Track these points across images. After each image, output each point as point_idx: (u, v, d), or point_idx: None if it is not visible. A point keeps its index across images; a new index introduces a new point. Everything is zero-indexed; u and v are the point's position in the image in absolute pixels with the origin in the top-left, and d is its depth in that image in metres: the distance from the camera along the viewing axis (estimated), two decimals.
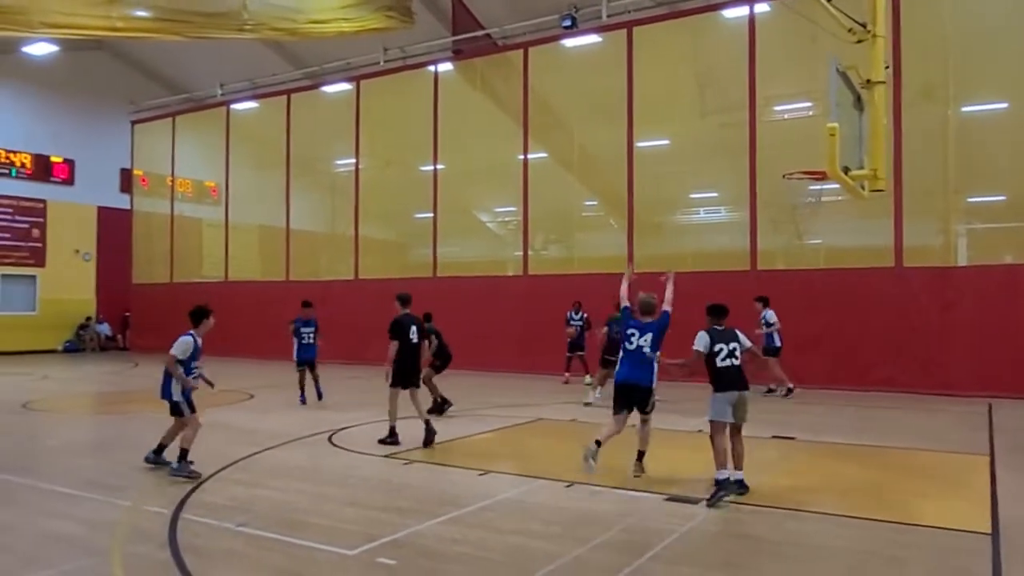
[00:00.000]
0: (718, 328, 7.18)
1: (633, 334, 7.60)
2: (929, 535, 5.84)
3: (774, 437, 10.01)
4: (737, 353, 7.06)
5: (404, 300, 9.85)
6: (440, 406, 11.75)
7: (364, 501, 6.87)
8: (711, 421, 6.94)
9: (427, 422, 9.40)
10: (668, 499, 6.76)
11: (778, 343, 13.92)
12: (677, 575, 5.02)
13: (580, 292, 16.49)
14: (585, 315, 15.78)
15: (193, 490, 7.06)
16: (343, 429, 10.41)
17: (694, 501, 6.67)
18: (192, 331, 7.72)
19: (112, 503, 6.71)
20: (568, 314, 16.11)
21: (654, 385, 7.52)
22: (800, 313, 15.41)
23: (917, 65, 15.12)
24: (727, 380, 6.97)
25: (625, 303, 8.04)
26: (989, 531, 5.85)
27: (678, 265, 17.48)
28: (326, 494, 7.00)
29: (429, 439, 9.25)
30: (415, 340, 9.60)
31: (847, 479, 7.94)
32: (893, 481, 7.91)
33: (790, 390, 13.96)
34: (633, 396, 7.46)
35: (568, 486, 7.27)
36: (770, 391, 14.24)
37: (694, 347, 7.05)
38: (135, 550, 5.48)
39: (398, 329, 9.53)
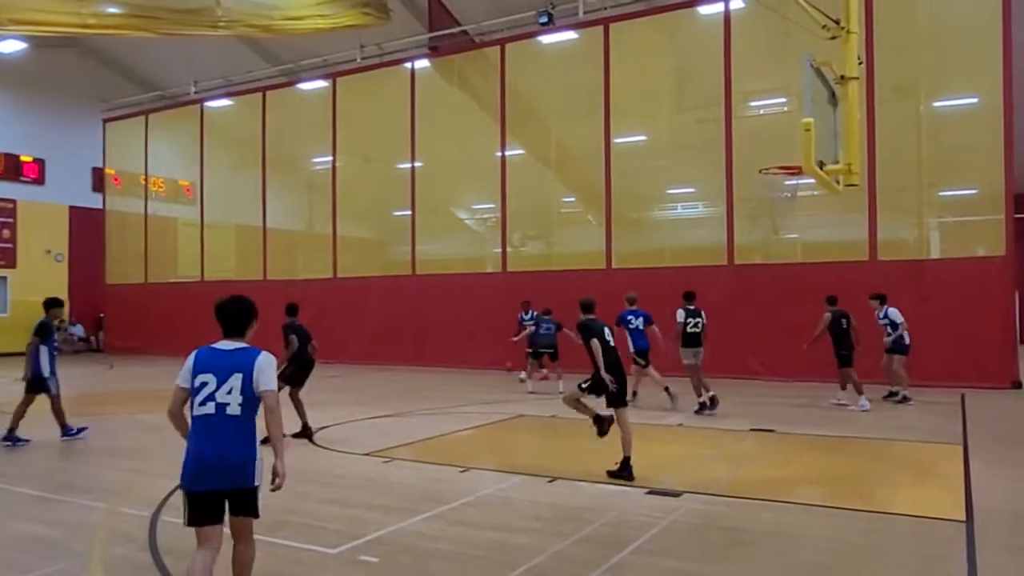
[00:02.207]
0: (691, 307, 11.59)
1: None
2: (903, 523, 5.94)
3: (753, 430, 10.12)
4: (700, 325, 11.60)
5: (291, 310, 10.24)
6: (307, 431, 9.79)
7: (345, 499, 6.85)
8: (686, 364, 11.44)
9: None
10: (649, 492, 6.81)
11: (907, 340, 12.50)
12: (658, 567, 5.06)
13: (559, 288, 16.52)
14: (535, 313, 15.43)
15: (172, 492, 6.99)
16: (323, 428, 10.35)
17: (675, 494, 6.73)
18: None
19: (89, 506, 6.63)
20: (520, 315, 16.01)
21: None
22: (777, 307, 15.60)
23: (890, 61, 15.33)
24: (692, 340, 11.53)
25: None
26: (963, 519, 5.96)
27: (656, 260, 17.79)
28: (307, 493, 6.96)
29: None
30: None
31: (824, 470, 8.05)
32: (869, 471, 8.02)
33: (906, 398, 12.41)
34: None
35: (550, 481, 7.29)
36: (892, 395, 12.67)
37: (677, 319, 11.58)
38: (115, 552, 5.43)
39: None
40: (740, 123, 16.88)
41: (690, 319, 11.55)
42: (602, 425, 7.36)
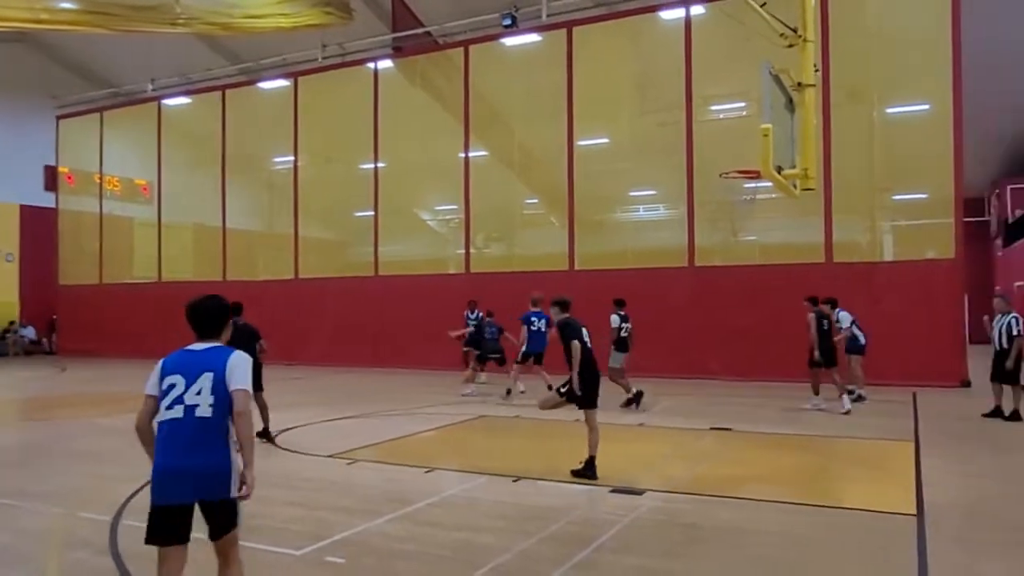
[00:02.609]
0: (622, 314, 12.16)
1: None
2: (857, 517, 6.11)
3: (712, 428, 10.30)
4: (630, 330, 12.12)
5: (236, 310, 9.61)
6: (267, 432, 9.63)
7: (310, 502, 6.81)
8: (611, 368, 11.68)
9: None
10: (612, 491, 6.90)
11: (862, 340, 12.76)
12: (621, 564, 5.14)
13: (522, 289, 16.56)
14: (479, 314, 15.35)
15: (132, 495, 6.89)
16: (286, 430, 10.27)
17: (638, 492, 6.83)
18: None
19: (44, 511, 6.50)
20: (465, 313, 15.93)
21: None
22: (736, 308, 15.87)
23: (844, 67, 15.72)
24: (624, 344, 12.02)
25: None
26: (914, 512, 6.16)
27: (618, 262, 17.97)
28: (270, 496, 6.90)
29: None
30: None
31: (781, 467, 8.23)
32: (823, 468, 8.24)
33: (861, 397, 12.67)
34: None
35: (514, 481, 7.34)
36: (849, 393, 12.41)
37: (612, 324, 11.99)
38: (72, 556, 5.34)
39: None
40: (700, 127, 17.16)
41: (623, 324, 12.09)
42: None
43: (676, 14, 17.29)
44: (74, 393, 16.31)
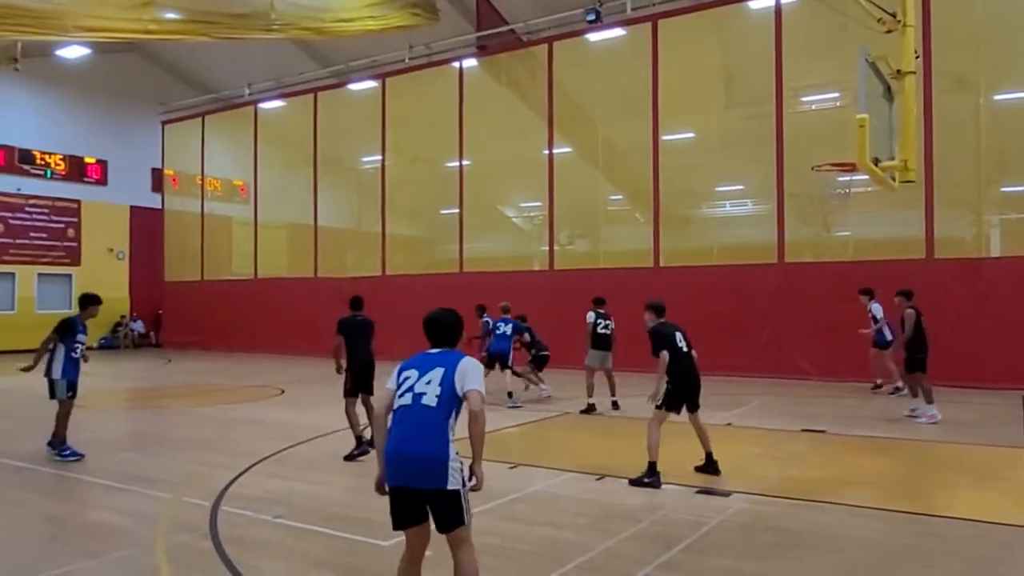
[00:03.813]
0: (601, 311, 11.72)
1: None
2: (959, 527, 5.83)
3: (804, 430, 9.99)
4: (610, 328, 11.64)
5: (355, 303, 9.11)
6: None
7: None
8: (587, 365, 11.64)
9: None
10: (699, 492, 6.81)
11: (888, 336, 12.78)
12: (707, 566, 5.06)
13: (606, 287, 16.49)
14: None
15: (230, 483, 7.24)
16: (367, 427, 10.53)
17: (725, 494, 6.71)
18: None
19: (152, 495, 6.89)
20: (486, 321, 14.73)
21: None
22: (829, 305, 15.29)
23: (948, 54, 14.90)
24: (600, 341, 11.69)
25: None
26: None
27: (704, 258, 17.63)
28: (358, 487, 7.12)
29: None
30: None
31: (876, 472, 7.91)
32: (923, 474, 7.87)
33: (898, 389, 12.73)
34: None
35: (598, 479, 7.33)
36: (877, 387, 13.36)
37: (587, 320, 11.75)
38: (178, 540, 5.65)
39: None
40: (791, 119, 16.62)
41: (600, 320, 11.80)
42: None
43: (765, 3, 16.78)
44: (178, 384, 17.21)
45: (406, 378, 3.87)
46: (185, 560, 5.25)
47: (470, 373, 3.85)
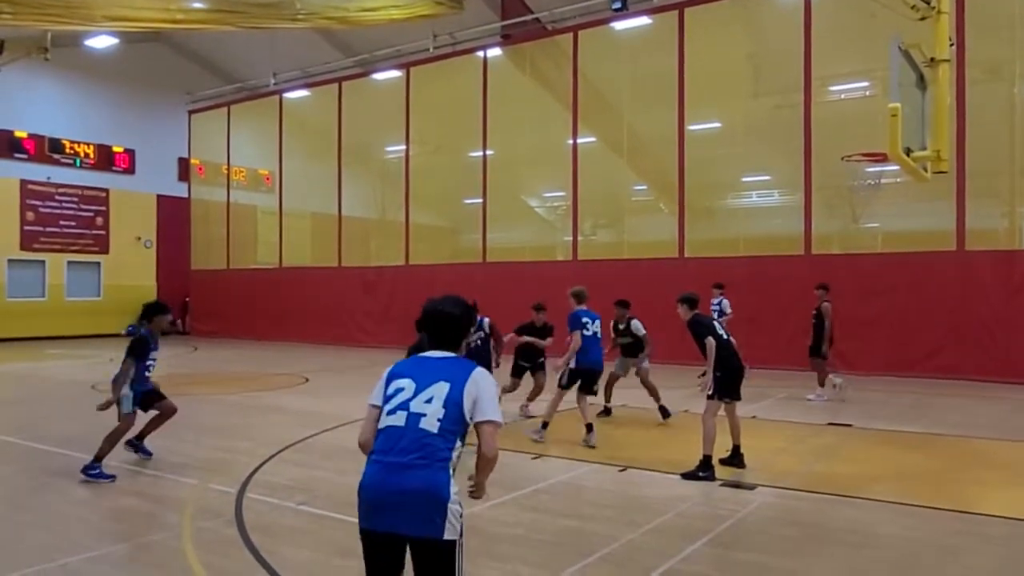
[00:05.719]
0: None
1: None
2: (990, 524, 5.72)
3: (830, 424, 9.87)
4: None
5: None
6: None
7: None
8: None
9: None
10: (723, 485, 6.74)
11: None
12: (732, 560, 5.02)
13: (631, 277, 16.42)
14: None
15: (255, 470, 7.29)
16: None
17: (750, 487, 6.64)
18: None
19: (178, 481, 6.97)
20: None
21: None
22: (856, 298, 15.07)
23: (983, 42, 14.59)
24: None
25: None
26: None
27: (730, 249, 17.46)
28: None
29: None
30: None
31: (905, 467, 7.79)
32: (953, 469, 7.74)
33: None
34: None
35: (621, 470, 7.30)
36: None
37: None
38: (203, 526, 5.70)
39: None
40: (819, 108, 16.37)
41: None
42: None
43: None
44: (204, 372, 17.40)
45: (398, 389, 2.98)
46: (211, 546, 5.29)
47: (484, 396, 2.97)
